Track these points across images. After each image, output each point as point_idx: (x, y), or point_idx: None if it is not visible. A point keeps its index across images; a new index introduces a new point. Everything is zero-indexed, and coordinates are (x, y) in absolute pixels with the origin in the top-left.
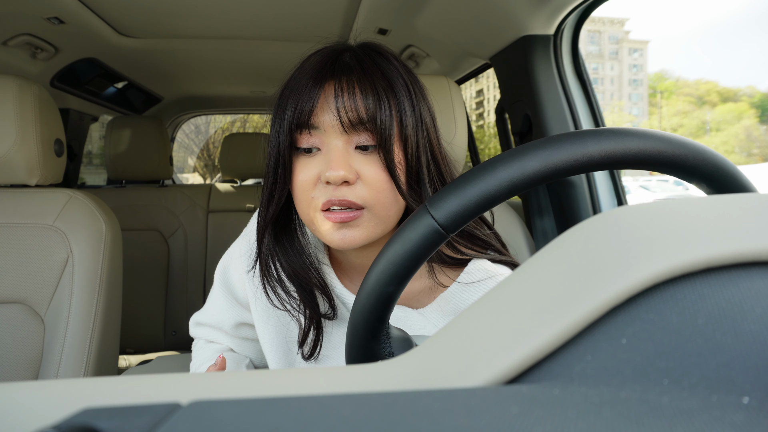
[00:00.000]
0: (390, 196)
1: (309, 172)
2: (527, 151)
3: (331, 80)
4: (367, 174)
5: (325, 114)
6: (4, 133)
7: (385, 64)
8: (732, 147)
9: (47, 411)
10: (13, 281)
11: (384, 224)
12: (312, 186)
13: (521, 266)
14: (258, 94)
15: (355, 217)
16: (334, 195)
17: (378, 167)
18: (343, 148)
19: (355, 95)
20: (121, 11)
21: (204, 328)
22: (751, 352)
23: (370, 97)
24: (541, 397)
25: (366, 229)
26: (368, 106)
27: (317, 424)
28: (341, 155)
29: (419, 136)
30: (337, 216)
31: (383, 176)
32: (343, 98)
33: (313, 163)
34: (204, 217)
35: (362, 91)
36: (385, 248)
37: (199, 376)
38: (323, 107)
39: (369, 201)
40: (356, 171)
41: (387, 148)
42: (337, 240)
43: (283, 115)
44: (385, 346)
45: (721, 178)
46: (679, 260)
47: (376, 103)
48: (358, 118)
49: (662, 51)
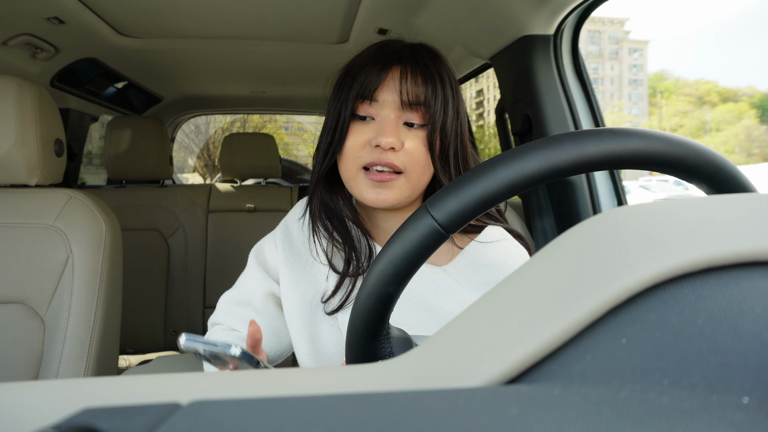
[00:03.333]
0: (424, 166)
1: (361, 137)
2: (527, 151)
3: (398, 65)
4: (410, 146)
5: (388, 92)
6: (4, 133)
7: (438, 62)
8: (732, 147)
9: (47, 411)
10: (13, 281)
11: (413, 190)
12: (361, 147)
13: (521, 266)
14: (258, 94)
15: (392, 179)
16: (381, 158)
17: (420, 142)
18: (395, 120)
19: (417, 81)
20: (121, 11)
21: (232, 309)
22: (751, 352)
23: (429, 86)
24: (541, 397)
25: (398, 191)
26: (426, 93)
27: (317, 424)
28: (394, 126)
29: (455, 125)
30: (377, 176)
31: (423, 149)
32: (407, 82)
33: (366, 129)
34: (204, 217)
35: (423, 79)
36: (385, 248)
37: (199, 376)
38: (388, 86)
39: (408, 167)
40: (402, 141)
41: (433, 128)
42: (372, 197)
43: (350, 86)
44: (385, 347)
45: (721, 178)
46: (679, 260)
47: (433, 92)
48: (417, 99)
49: (662, 51)
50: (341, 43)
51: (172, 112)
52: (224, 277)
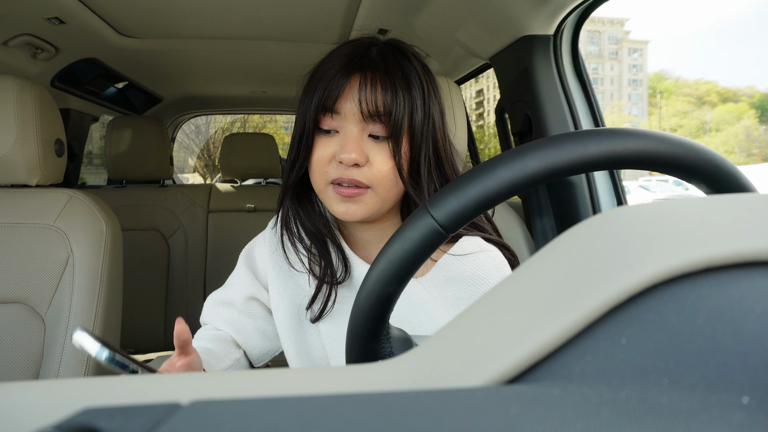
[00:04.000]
0: (392, 180)
1: (326, 150)
2: (527, 151)
3: (358, 73)
4: (375, 160)
5: (348, 102)
6: (4, 134)
7: (405, 63)
8: (732, 147)
9: (47, 411)
10: (14, 281)
11: (383, 203)
12: (327, 162)
13: (521, 266)
14: (258, 94)
15: (359, 194)
16: (345, 174)
17: (386, 155)
18: (359, 134)
19: (376, 89)
20: (121, 11)
21: (214, 309)
22: (750, 352)
23: (389, 93)
24: (541, 397)
25: (367, 206)
26: (386, 101)
27: (317, 424)
28: (356, 140)
29: (425, 131)
30: (345, 191)
31: (389, 163)
32: (366, 91)
33: (331, 143)
34: (204, 217)
35: (383, 86)
36: (385, 248)
37: (199, 376)
38: (347, 96)
39: (374, 182)
40: (366, 155)
41: (396, 140)
42: (340, 211)
43: (312, 96)
44: (385, 346)
45: (721, 178)
46: (678, 260)
47: (393, 99)
48: (376, 110)
49: (662, 51)
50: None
51: (173, 112)
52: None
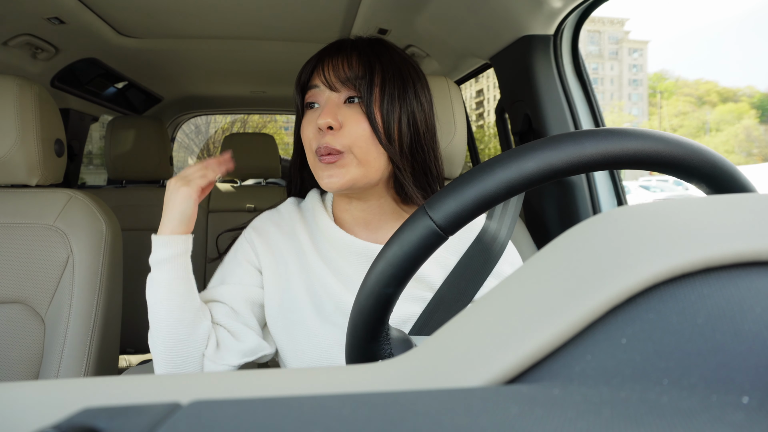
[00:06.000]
0: (367, 142)
1: (309, 123)
2: (525, 151)
3: (330, 51)
4: (348, 122)
5: (323, 73)
6: (4, 133)
7: (379, 46)
8: (732, 147)
9: (47, 411)
10: (14, 281)
11: (366, 171)
12: (313, 136)
13: (521, 266)
14: (258, 94)
15: (338, 158)
16: (322, 140)
17: (359, 116)
18: (333, 101)
19: (342, 57)
20: (121, 11)
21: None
22: (750, 352)
23: (354, 58)
24: (541, 397)
25: (348, 173)
26: (352, 67)
27: (317, 424)
28: (329, 107)
29: (399, 95)
30: (325, 158)
31: (363, 125)
32: (331, 62)
33: (314, 116)
34: (204, 217)
35: (348, 58)
36: (384, 249)
37: (199, 376)
38: (322, 69)
39: (348, 145)
40: (340, 120)
41: (367, 101)
42: (325, 180)
43: (300, 78)
44: (385, 347)
45: (720, 178)
46: (679, 260)
47: (359, 62)
48: (341, 74)
49: (662, 51)
50: None
51: (173, 112)
52: None
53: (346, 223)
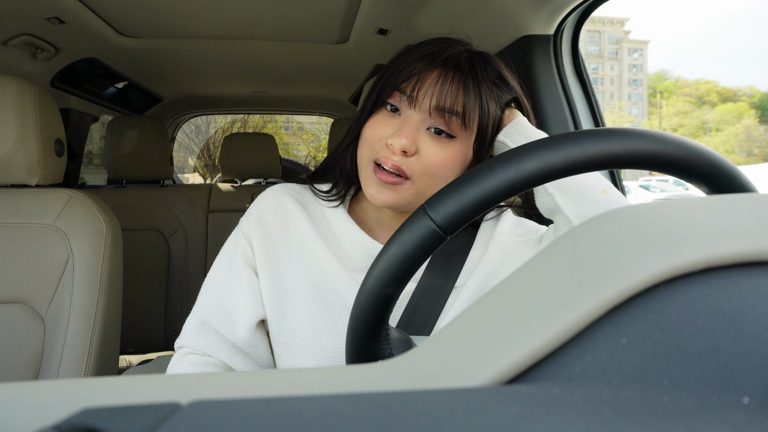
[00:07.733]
0: (434, 177)
1: (382, 128)
2: (525, 151)
3: (440, 67)
4: (427, 153)
5: (422, 90)
6: (4, 133)
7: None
8: (732, 147)
9: (47, 411)
10: (14, 281)
11: (416, 198)
12: (378, 140)
13: (522, 266)
14: (258, 94)
15: (397, 182)
16: (390, 158)
17: (440, 152)
18: (417, 124)
19: (452, 86)
20: (121, 11)
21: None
22: (751, 352)
23: (464, 93)
24: (541, 397)
25: (400, 195)
26: (460, 100)
27: (317, 424)
28: (411, 128)
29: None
30: (383, 176)
31: (439, 158)
32: (444, 85)
33: (389, 123)
34: (204, 217)
35: (459, 85)
36: (384, 250)
37: (199, 376)
38: (423, 84)
39: (416, 174)
40: (418, 147)
41: (481, 140)
42: (373, 193)
43: (394, 73)
44: (385, 348)
45: (721, 178)
46: (679, 260)
47: (467, 99)
48: (447, 105)
49: (662, 51)
50: (341, 43)
51: (173, 112)
52: None
53: (368, 222)
